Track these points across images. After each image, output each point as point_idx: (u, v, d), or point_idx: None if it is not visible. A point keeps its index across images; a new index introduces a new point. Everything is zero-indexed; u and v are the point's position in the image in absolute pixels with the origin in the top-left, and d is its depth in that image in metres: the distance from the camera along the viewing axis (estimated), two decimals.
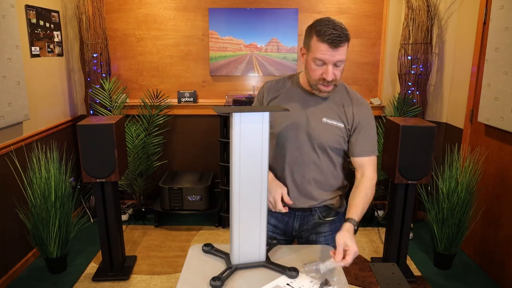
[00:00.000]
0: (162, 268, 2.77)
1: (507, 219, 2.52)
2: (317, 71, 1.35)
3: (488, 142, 2.71)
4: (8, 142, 2.56)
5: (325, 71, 1.33)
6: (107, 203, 2.53)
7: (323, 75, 1.34)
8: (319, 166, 1.48)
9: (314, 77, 1.37)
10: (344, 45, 1.31)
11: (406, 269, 2.71)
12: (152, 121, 3.49)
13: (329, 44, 1.29)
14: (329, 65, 1.32)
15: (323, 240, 1.58)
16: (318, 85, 1.38)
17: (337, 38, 1.28)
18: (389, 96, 3.55)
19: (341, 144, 1.47)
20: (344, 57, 1.33)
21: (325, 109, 1.45)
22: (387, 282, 1.17)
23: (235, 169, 1.23)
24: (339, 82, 1.40)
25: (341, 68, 1.35)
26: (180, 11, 3.49)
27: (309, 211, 1.55)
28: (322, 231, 1.58)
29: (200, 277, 1.26)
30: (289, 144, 1.47)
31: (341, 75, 1.38)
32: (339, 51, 1.30)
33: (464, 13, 3.04)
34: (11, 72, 2.50)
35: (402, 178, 2.46)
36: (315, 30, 1.32)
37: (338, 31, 1.29)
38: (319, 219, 1.56)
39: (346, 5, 3.48)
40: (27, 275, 2.66)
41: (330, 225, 1.58)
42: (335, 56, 1.30)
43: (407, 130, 2.39)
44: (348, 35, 1.32)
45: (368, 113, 1.47)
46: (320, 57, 1.31)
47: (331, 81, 1.35)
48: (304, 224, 1.59)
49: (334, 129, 1.44)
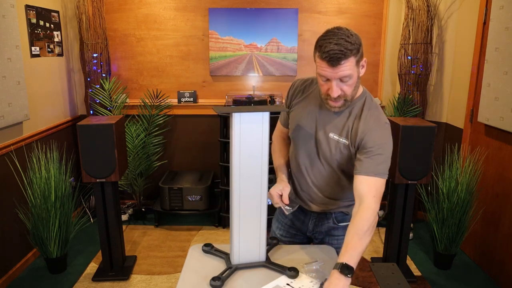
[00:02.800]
0: (162, 268, 2.77)
1: (507, 219, 2.52)
2: (324, 86, 1.29)
3: (488, 142, 2.71)
4: (8, 142, 2.56)
5: (330, 87, 1.26)
6: (107, 203, 2.53)
7: (329, 91, 1.27)
8: (324, 176, 1.44)
9: (322, 92, 1.31)
10: (347, 61, 1.20)
11: (406, 269, 2.71)
12: (152, 121, 3.49)
13: (328, 62, 1.20)
14: (332, 81, 1.24)
15: (336, 243, 1.55)
16: (327, 100, 1.31)
17: (336, 55, 1.18)
18: (389, 96, 3.55)
19: (346, 160, 1.38)
20: (349, 73, 1.22)
21: (336, 123, 1.37)
22: (387, 282, 1.17)
23: (235, 169, 1.23)
24: (350, 97, 1.29)
25: (350, 83, 1.25)
26: (180, 11, 3.49)
27: (324, 214, 1.54)
28: (336, 234, 1.55)
29: (200, 277, 1.26)
30: (300, 149, 1.47)
31: (354, 89, 1.28)
32: (340, 68, 1.20)
33: (464, 13, 3.04)
34: (11, 72, 2.50)
35: (402, 178, 2.46)
36: (318, 44, 1.24)
37: (340, 46, 1.18)
38: (333, 224, 1.54)
39: (346, 5, 3.48)
40: (27, 275, 2.66)
41: (344, 229, 1.49)
42: (337, 73, 1.22)
43: (407, 130, 2.39)
44: (354, 49, 1.20)
45: (379, 134, 1.31)
46: (322, 74, 1.25)
47: (339, 97, 1.27)
48: (318, 226, 1.57)
49: (340, 145, 1.37)
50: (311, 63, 3.59)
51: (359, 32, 3.53)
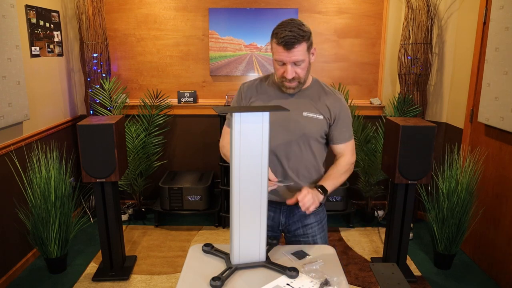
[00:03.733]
0: (162, 268, 2.77)
1: (507, 219, 2.52)
2: (280, 70, 1.45)
3: (488, 142, 2.71)
4: (8, 142, 2.56)
5: (285, 70, 1.43)
6: (107, 203, 2.53)
7: (284, 73, 1.44)
8: (301, 159, 1.55)
9: (278, 76, 1.48)
10: (300, 45, 1.38)
11: (406, 269, 2.71)
12: (152, 121, 3.49)
13: (284, 46, 1.37)
14: (288, 65, 1.41)
15: (310, 232, 1.64)
16: (282, 82, 1.48)
17: (290, 39, 1.36)
18: (389, 96, 3.55)
19: (322, 135, 1.56)
20: (302, 57, 1.40)
21: (304, 104, 1.53)
22: (387, 282, 1.17)
23: (235, 169, 1.23)
24: (303, 79, 1.48)
25: (303, 67, 1.43)
26: (180, 11, 3.49)
27: (294, 204, 1.58)
28: (308, 223, 1.64)
29: (200, 277, 1.26)
30: (276, 139, 1.51)
31: (306, 72, 1.47)
32: (294, 52, 1.38)
33: (464, 13, 3.04)
34: (11, 72, 2.50)
35: (402, 178, 2.46)
36: (274, 32, 1.41)
37: (294, 33, 1.36)
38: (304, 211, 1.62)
39: (346, 5, 3.48)
40: (27, 275, 2.66)
41: (315, 215, 1.64)
42: (291, 57, 1.39)
43: (407, 130, 2.39)
44: (306, 36, 1.38)
45: (343, 103, 1.57)
46: (279, 58, 1.42)
47: (293, 79, 1.44)
48: (290, 217, 1.63)
49: (315, 121, 1.52)
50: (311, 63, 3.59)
51: (359, 32, 3.56)
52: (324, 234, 1.67)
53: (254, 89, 1.59)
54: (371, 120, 3.55)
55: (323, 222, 1.67)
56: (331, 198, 3.28)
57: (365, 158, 3.41)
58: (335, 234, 3.29)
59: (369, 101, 3.63)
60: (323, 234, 1.66)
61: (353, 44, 3.56)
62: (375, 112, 3.58)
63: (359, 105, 3.51)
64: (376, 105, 3.55)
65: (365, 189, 3.52)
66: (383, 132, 3.12)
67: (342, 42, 3.56)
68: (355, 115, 3.43)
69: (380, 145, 3.32)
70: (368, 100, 3.66)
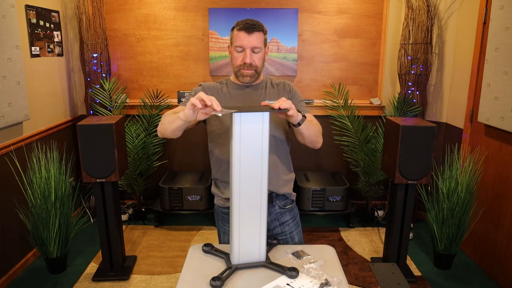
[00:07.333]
0: (162, 268, 2.77)
1: (507, 219, 2.52)
2: (238, 58, 1.54)
3: (488, 142, 2.71)
4: (8, 142, 2.56)
5: (244, 56, 1.52)
6: (107, 203, 2.53)
7: (243, 60, 1.52)
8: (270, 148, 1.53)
9: (236, 64, 1.55)
10: (259, 33, 1.51)
11: (406, 269, 2.71)
12: (152, 121, 3.49)
13: (245, 30, 1.49)
14: (247, 50, 1.51)
15: (288, 229, 1.68)
16: (240, 70, 1.55)
17: (251, 25, 1.50)
18: (389, 96, 3.55)
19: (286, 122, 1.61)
20: (260, 45, 1.51)
21: (260, 95, 1.61)
22: (387, 282, 1.17)
23: (235, 169, 1.23)
24: (260, 68, 1.56)
25: (260, 56, 1.53)
26: (180, 11, 3.49)
27: (270, 202, 1.63)
28: (284, 220, 1.67)
29: (200, 277, 1.26)
30: None
31: (262, 64, 1.57)
32: (253, 36, 1.49)
33: (464, 13, 3.04)
34: (11, 72, 2.50)
35: (402, 178, 2.46)
36: (235, 24, 1.55)
37: (253, 22, 1.51)
38: (279, 209, 1.66)
39: (346, 5, 3.48)
40: (27, 275, 2.66)
41: (290, 212, 1.69)
42: (251, 41, 1.50)
43: (407, 130, 2.39)
44: (264, 29, 1.53)
45: (292, 86, 1.68)
46: (239, 44, 1.51)
47: (251, 65, 1.53)
48: (267, 216, 1.61)
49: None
50: (311, 63, 3.59)
51: (359, 32, 3.57)
52: (299, 230, 1.72)
53: (214, 90, 1.63)
54: (371, 120, 3.55)
55: (297, 218, 1.72)
56: (331, 198, 3.28)
57: (365, 158, 3.41)
58: (335, 234, 3.29)
59: (369, 101, 3.63)
60: (298, 230, 1.71)
61: (353, 44, 3.56)
62: (375, 112, 3.58)
63: (359, 105, 3.51)
64: (376, 105, 3.55)
65: (365, 189, 3.52)
66: (383, 132, 3.12)
67: (342, 42, 3.56)
68: (355, 115, 3.43)
69: (380, 145, 3.32)
70: (368, 100, 3.66)
